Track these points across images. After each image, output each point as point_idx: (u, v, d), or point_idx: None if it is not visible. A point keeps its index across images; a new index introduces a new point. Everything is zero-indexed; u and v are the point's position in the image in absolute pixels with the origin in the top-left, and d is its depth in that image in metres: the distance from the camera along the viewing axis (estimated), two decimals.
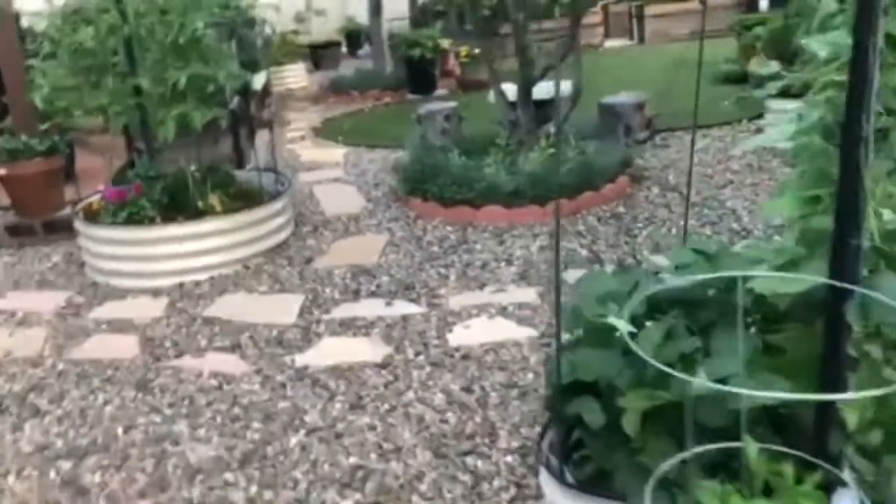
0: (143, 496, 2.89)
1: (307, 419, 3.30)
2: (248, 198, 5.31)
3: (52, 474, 3.06)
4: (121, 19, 4.84)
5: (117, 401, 3.56)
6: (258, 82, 8.38)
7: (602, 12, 15.11)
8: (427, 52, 11.02)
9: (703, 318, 2.30)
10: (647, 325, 2.23)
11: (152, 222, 4.85)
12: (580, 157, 5.69)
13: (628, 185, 5.81)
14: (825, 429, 1.77)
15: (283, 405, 3.42)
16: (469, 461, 2.92)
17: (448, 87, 11.48)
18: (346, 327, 4.11)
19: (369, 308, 4.31)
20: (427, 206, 5.63)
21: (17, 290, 5.01)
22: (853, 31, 1.57)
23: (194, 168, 5.23)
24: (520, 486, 2.76)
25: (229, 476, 2.96)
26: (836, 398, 1.53)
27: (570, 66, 6.01)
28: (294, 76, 13.52)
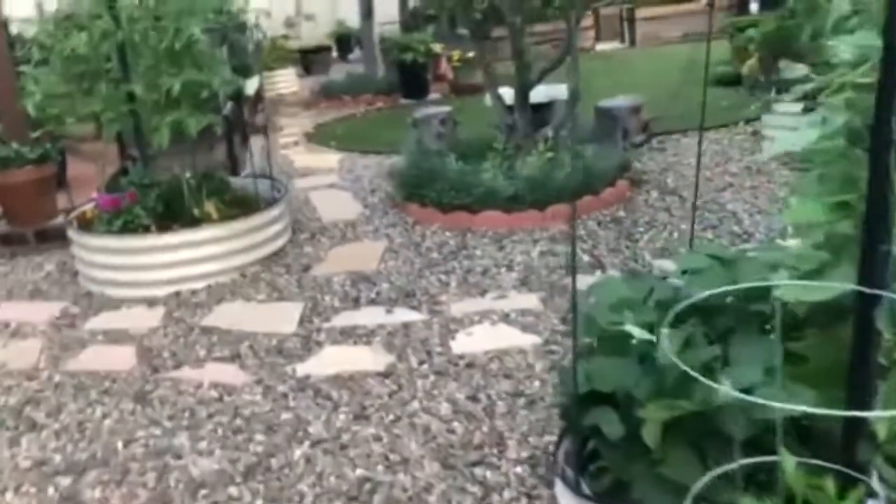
0: None
1: (311, 430, 3.24)
2: (243, 205, 5.25)
3: (51, 491, 2.99)
4: (114, 25, 4.77)
5: (116, 413, 3.49)
6: (251, 88, 8.33)
7: (593, 15, 15.09)
8: (419, 56, 10.98)
9: (720, 325, 2.26)
10: (664, 332, 2.19)
11: (147, 231, 4.78)
12: (578, 161, 5.65)
13: (627, 189, 5.77)
14: (854, 439, 1.73)
15: (285, 416, 3.36)
16: (478, 472, 2.87)
17: (441, 92, 11.44)
18: (347, 336, 4.06)
19: (370, 316, 4.25)
20: (425, 212, 5.58)
21: (9, 300, 4.93)
22: (883, 33, 1.53)
23: (189, 175, 5.17)
24: (531, 496, 2.71)
25: (233, 490, 2.90)
26: (873, 416, 1.49)
27: (568, 70, 5.99)
28: (285, 81, 13.47)
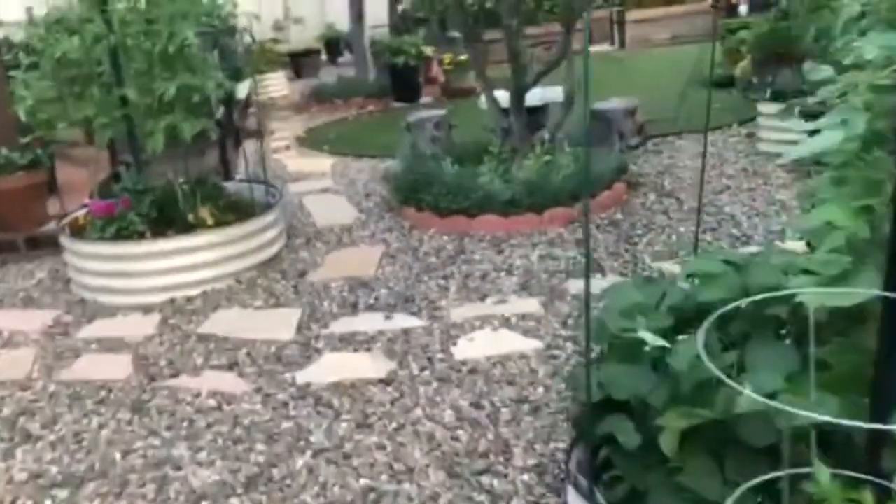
0: None
1: (313, 439, 3.18)
2: (238, 210, 5.19)
3: None
4: (106, 29, 4.71)
5: (113, 424, 3.42)
6: (242, 92, 8.26)
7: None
8: (411, 59, 10.94)
9: (734, 331, 2.23)
10: (679, 339, 2.16)
11: (142, 237, 4.71)
12: (575, 165, 5.62)
13: (624, 191, 5.75)
14: (879, 447, 1.70)
15: (286, 425, 3.31)
16: (485, 481, 2.83)
17: (433, 95, 11.40)
18: (347, 342, 4.00)
19: (369, 322, 4.20)
20: (422, 216, 5.53)
21: (0, 308, 4.85)
22: None
23: (182, 180, 5.11)
24: None
25: (235, 501, 2.84)
26: None
27: (563, 73, 5.96)
28: (275, 85, 13.40)
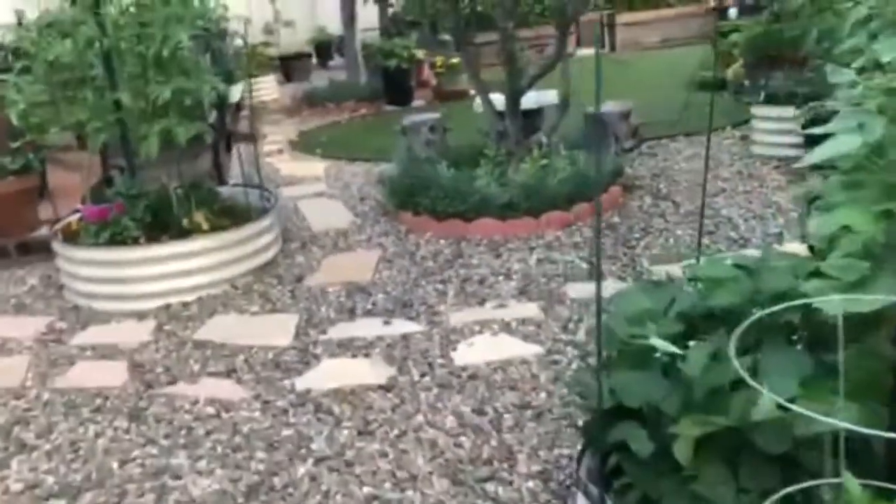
0: None
1: (314, 447, 3.15)
2: (233, 214, 5.15)
3: None
4: (99, 32, 4.66)
5: (110, 432, 3.37)
6: (234, 95, 8.20)
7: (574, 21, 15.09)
8: (403, 62, 10.91)
9: (744, 336, 2.21)
10: (691, 345, 2.13)
11: (136, 242, 4.66)
12: (571, 168, 5.60)
13: (620, 194, 5.73)
14: None
15: (286, 433, 3.27)
16: (489, 488, 2.80)
17: (425, 98, 11.37)
18: (345, 348, 3.97)
19: (367, 327, 4.16)
20: (418, 220, 5.49)
21: None
22: None
23: (176, 185, 5.06)
24: None
25: None
26: None
27: (559, 76, 5.95)
28: (265, 88, 13.33)
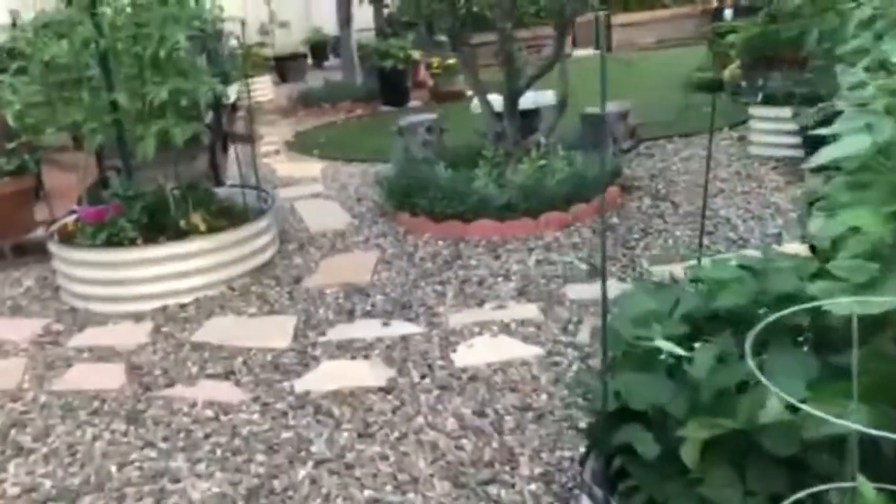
0: None
1: (314, 450, 3.13)
2: (230, 215, 5.12)
3: None
4: (96, 32, 4.63)
5: (107, 435, 3.35)
6: (231, 96, 8.17)
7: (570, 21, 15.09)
8: (399, 63, 10.88)
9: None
10: (697, 346, 2.12)
11: (133, 244, 4.63)
12: (569, 169, 5.59)
13: (619, 195, 5.72)
14: None
15: (286, 435, 3.25)
16: (491, 490, 2.78)
17: (421, 99, 11.34)
18: (344, 350, 3.95)
19: (366, 329, 4.14)
20: (416, 221, 5.47)
21: None
22: None
23: (173, 186, 5.03)
24: None
25: None
26: None
27: (557, 76, 5.94)
28: (261, 89, 13.29)
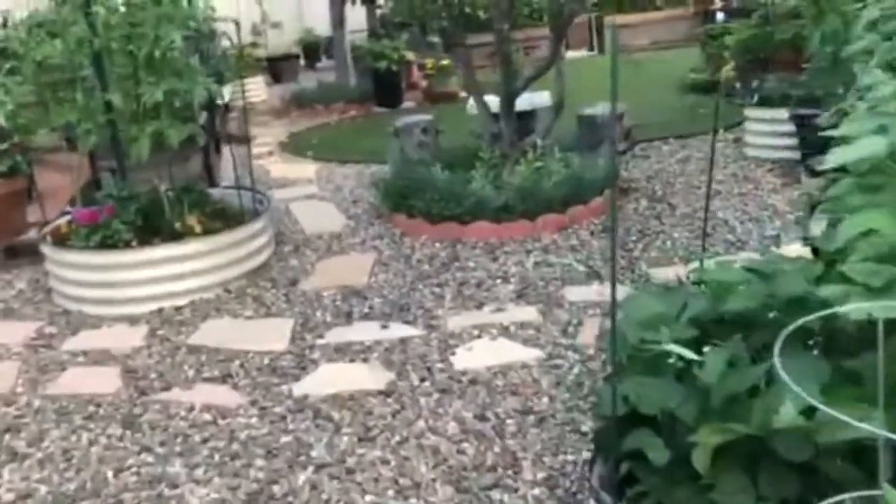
0: None
1: (314, 454, 3.09)
2: (225, 217, 5.07)
3: None
4: (90, 32, 4.58)
5: (103, 440, 3.30)
6: (224, 97, 8.12)
7: None
8: (393, 64, 10.85)
9: (756, 342, 2.18)
10: (706, 350, 2.10)
11: (128, 245, 4.58)
12: (566, 170, 5.57)
13: (616, 197, 5.69)
14: None
15: (285, 439, 3.21)
16: (494, 496, 2.76)
17: (414, 100, 11.31)
18: (343, 353, 3.91)
19: (364, 331, 4.11)
20: (413, 223, 5.44)
21: None
22: None
23: (167, 187, 4.98)
24: None
25: None
26: None
27: (553, 77, 5.93)
28: (253, 90, 13.22)
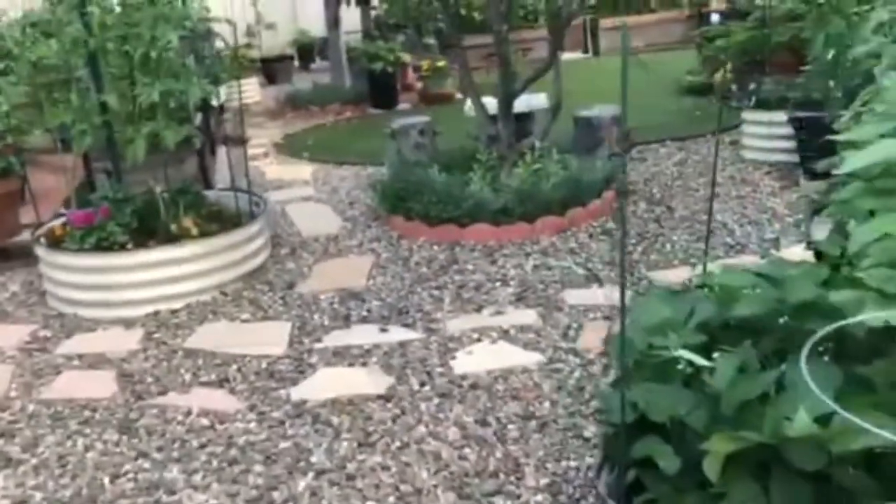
0: None
1: (313, 460, 3.05)
2: (220, 219, 5.03)
3: None
4: (85, 32, 4.53)
5: (99, 445, 3.26)
6: (219, 98, 8.07)
7: None
8: (388, 65, 10.81)
9: (765, 347, 2.15)
10: (715, 357, 2.07)
11: (123, 248, 4.53)
12: (564, 172, 5.54)
13: (614, 200, 5.67)
14: None
15: (284, 445, 3.17)
16: (497, 502, 2.72)
17: (410, 101, 11.28)
18: (341, 357, 3.87)
19: (363, 335, 4.07)
20: (410, 225, 5.40)
21: None
22: None
23: (162, 189, 4.94)
24: None
25: None
26: None
27: (550, 79, 5.90)
28: (248, 91, 13.17)
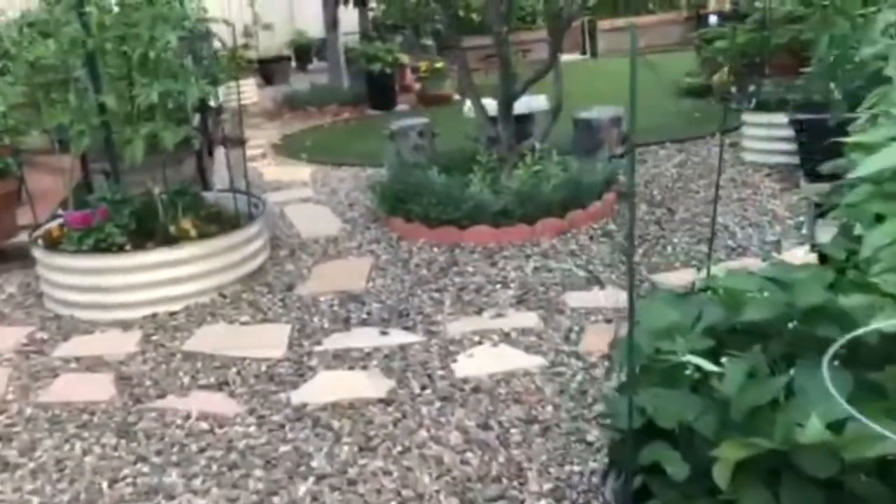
0: None
1: (314, 464, 3.02)
2: (219, 221, 5.00)
3: None
4: (84, 32, 4.50)
5: (98, 449, 3.22)
6: (217, 99, 8.04)
7: None
8: (386, 66, 10.79)
9: (774, 352, 2.13)
10: (724, 362, 2.05)
11: (121, 249, 4.50)
12: (564, 174, 5.52)
13: (614, 202, 5.66)
14: None
15: (284, 449, 3.14)
16: None
17: (408, 102, 11.25)
18: (341, 360, 3.84)
19: (363, 338, 4.04)
20: (410, 227, 5.37)
21: None
22: None
23: (160, 190, 4.90)
24: None
25: None
26: None
27: (551, 81, 5.88)
28: (245, 92, 13.12)
